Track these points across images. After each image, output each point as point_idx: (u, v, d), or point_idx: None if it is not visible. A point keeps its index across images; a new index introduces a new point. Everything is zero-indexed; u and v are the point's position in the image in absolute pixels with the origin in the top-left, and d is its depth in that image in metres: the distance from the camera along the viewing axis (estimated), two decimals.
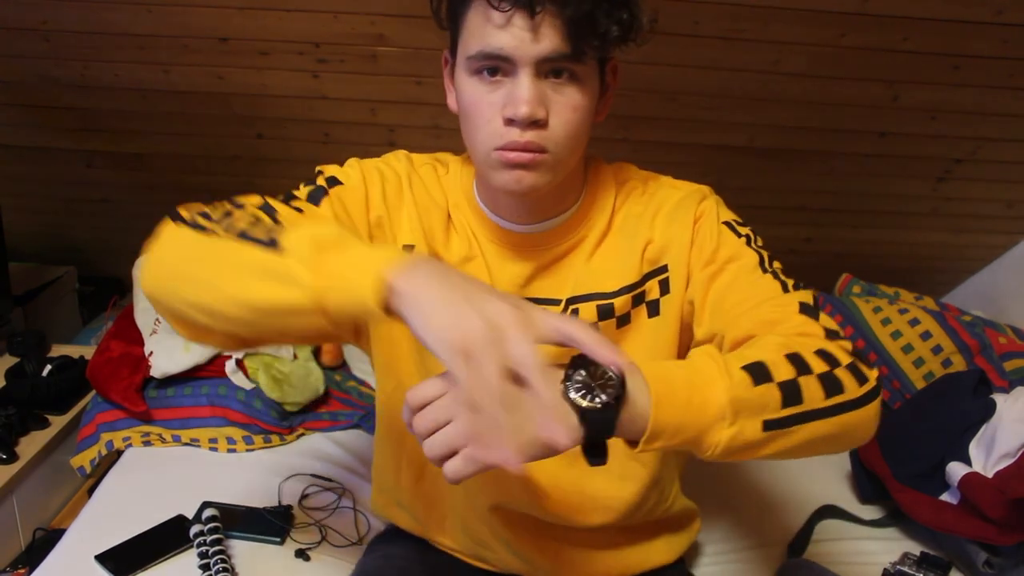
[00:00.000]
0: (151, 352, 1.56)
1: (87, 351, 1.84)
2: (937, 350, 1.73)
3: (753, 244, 0.92)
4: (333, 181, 0.95)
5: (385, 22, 1.66)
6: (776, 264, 0.90)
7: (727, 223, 0.93)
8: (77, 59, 1.79)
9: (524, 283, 0.95)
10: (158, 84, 1.84)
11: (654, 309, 0.94)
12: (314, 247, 0.65)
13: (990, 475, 1.31)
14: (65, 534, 1.30)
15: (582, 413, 0.63)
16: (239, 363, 1.58)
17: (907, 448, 1.45)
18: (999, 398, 1.43)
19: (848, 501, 1.54)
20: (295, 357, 1.66)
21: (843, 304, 1.87)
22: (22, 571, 1.51)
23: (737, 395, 0.67)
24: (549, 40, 0.78)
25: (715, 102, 1.83)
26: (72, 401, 1.74)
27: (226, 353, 1.59)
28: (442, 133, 1.93)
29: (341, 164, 1.02)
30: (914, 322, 1.78)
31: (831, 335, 0.78)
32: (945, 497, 1.37)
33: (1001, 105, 1.81)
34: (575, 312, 0.95)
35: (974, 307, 2.21)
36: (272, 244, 0.67)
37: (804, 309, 0.81)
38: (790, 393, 0.70)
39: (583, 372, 0.64)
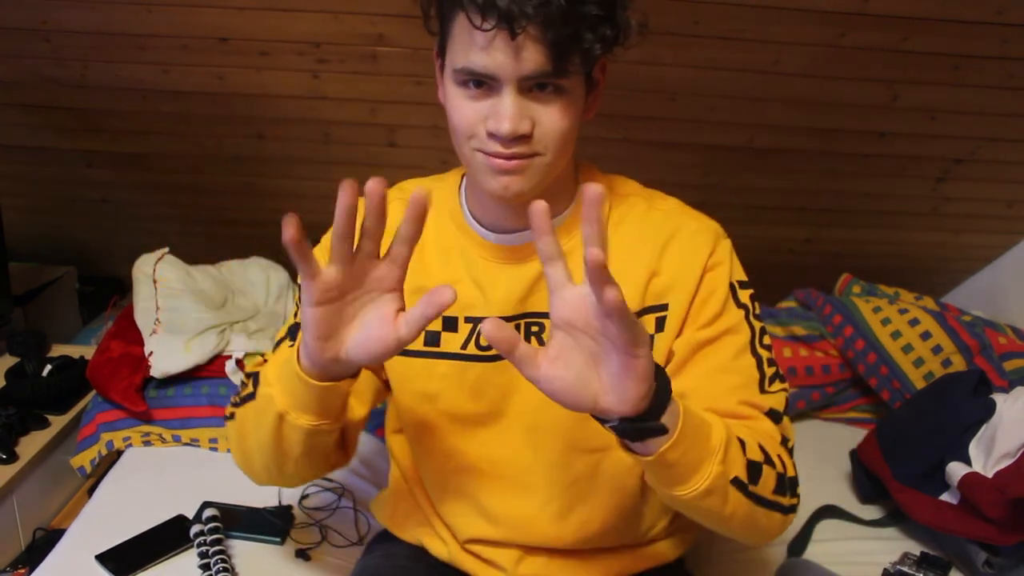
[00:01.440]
0: (151, 352, 1.56)
1: (87, 351, 1.84)
2: (937, 350, 1.73)
3: (751, 316, 0.94)
4: None
5: (385, 22, 1.66)
6: (767, 339, 0.95)
7: (732, 286, 0.93)
8: (77, 59, 1.79)
9: (521, 300, 0.94)
10: (158, 84, 1.84)
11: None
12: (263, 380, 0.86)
13: (990, 475, 1.31)
14: (65, 534, 1.30)
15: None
16: (239, 363, 1.58)
17: (907, 448, 1.45)
18: (999, 398, 1.43)
19: (848, 501, 1.54)
20: None
21: (843, 304, 1.87)
22: (22, 571, 1.51)
23: (729, 440, 0.78)
24: (531, 60, 0.77)
25: (715, 102, 1.83)
26: (72, 401, 1.74)
27: (226, 353, 1.59)
28: (442, 133, 1.93)
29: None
30: (914, 322, 1.78)
31: (784, 442, 0.90)
32: (945, 497, 1.37)
33: (1001, 105, 1.81)
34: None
35: (974, 307, 2.21)
36: (251, 397, 0.88)
37: (772, 416, 0.91)
38: (753, 471, 0.81)
39: None
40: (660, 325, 0.93)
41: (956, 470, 1.34)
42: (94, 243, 2.50)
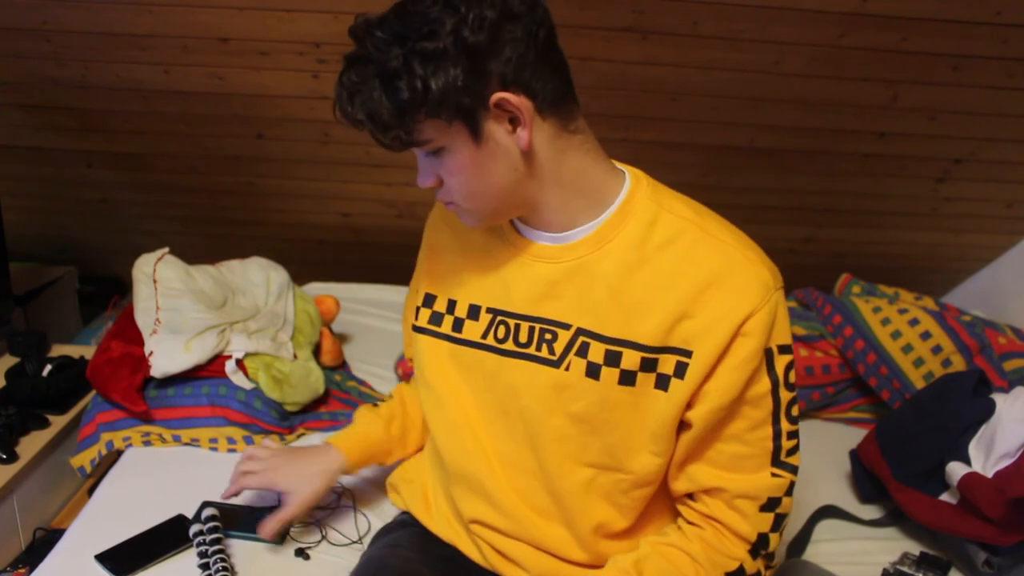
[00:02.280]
0: (151, 352, 1.56)
1: (87, 351, 1.84)
2: (937, 350, 1.73)
3: (781, 387, 0.90)
4: None
5: None
6: (795, 409, 0.93)
7: (769, 352, 0.89)
8: (78, 59, 1.79)
9: (537, 300, 0.95)
10: (158, 84, 1.84)
11: (663, 383, 0.90)
12: None
13: (990, 475, 1.31)
14: (65, 534, 1.30)
15: None
16: (239, 363, 1.58)
17: (907, 448, 1.45)
18: (999, 398, 1.43)
19: (848, 501, 1.54)
20: (295, 357, 1.66)
21: (843, 304, 1.87)
22: (22, 571, 1.51)
23: None
24: (387, 142, 0.87)
25: (715, 102, 1.83)
26: (72, 401, 1.74)
27: (226, 353, 1.59)
28: None
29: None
30: (914, 322, 1.78)
31: (759, 545, 0.94)
32: (944, 497, 1.37)
33: (1001, 105, 1.81)
34: (584, 345, 0.92)
35: (974, 307, 2.21)
36: None
37: (764, 507, 0.93)
38: None
39: None
40: (680, 371, 0.89)
41: (956, 470, 1.34)
42: (94, 243, 2.50)
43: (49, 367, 1.76)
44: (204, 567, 1.18)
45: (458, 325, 1.03)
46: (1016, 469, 1.27)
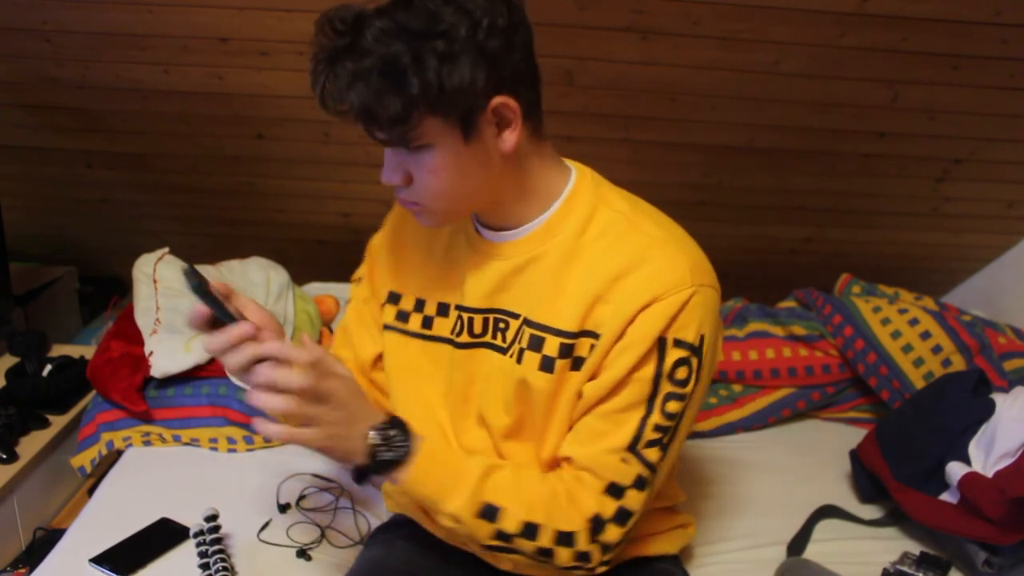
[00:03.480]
0: (151, 352, 1.56)
1: (87, 351, 1.84)
2: (937, 350, 1.73)
3: (664, 380, 0.90)
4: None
5: None
6: (671, 405, 0.90)
7: (662, 341, 0.89)
8: (78, 59, 1.79)
9: (489, 294, 0.99)
10: (158, 84, 1.84)
11: (577, 365, 0.94)
12: None
13: (990, 475, 1.31)
14: (65, 534, 1.30)
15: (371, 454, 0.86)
16: None
17: (907, 448, 1.45)
18: (999, 398, 1.43)
19: (848, 501, 1.54)
20: None
21: (843, 304, 1.87)
22: (22, 571, 1.51)
23: (460, 514, 0.89)
24: (374, 133, 0.84)
25: (715, 102, 1.83)
26: (72, 401, 1.74)
27: None
28: None
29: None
30: (914, 322, 1.78)
31: (595, 528, 0.91)
32: (944, 497, 1.37)
33: (1001, 105, 1.81)
34: (523, 333, 0.97)
35: (974, 307, 2.21)
36: None
37: (611, 490, 0.91)
38: (503, 538, 0.90)
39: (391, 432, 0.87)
40: (590, 352, 0.93)
41: (956, 470, 1.34)
42: (94, 243, 2.50)
43: (49, 367, 1.76)
44: (204, 567, 1.18)
45: (427, 323, 1.06)
46: (1016, 469, 1.27)
